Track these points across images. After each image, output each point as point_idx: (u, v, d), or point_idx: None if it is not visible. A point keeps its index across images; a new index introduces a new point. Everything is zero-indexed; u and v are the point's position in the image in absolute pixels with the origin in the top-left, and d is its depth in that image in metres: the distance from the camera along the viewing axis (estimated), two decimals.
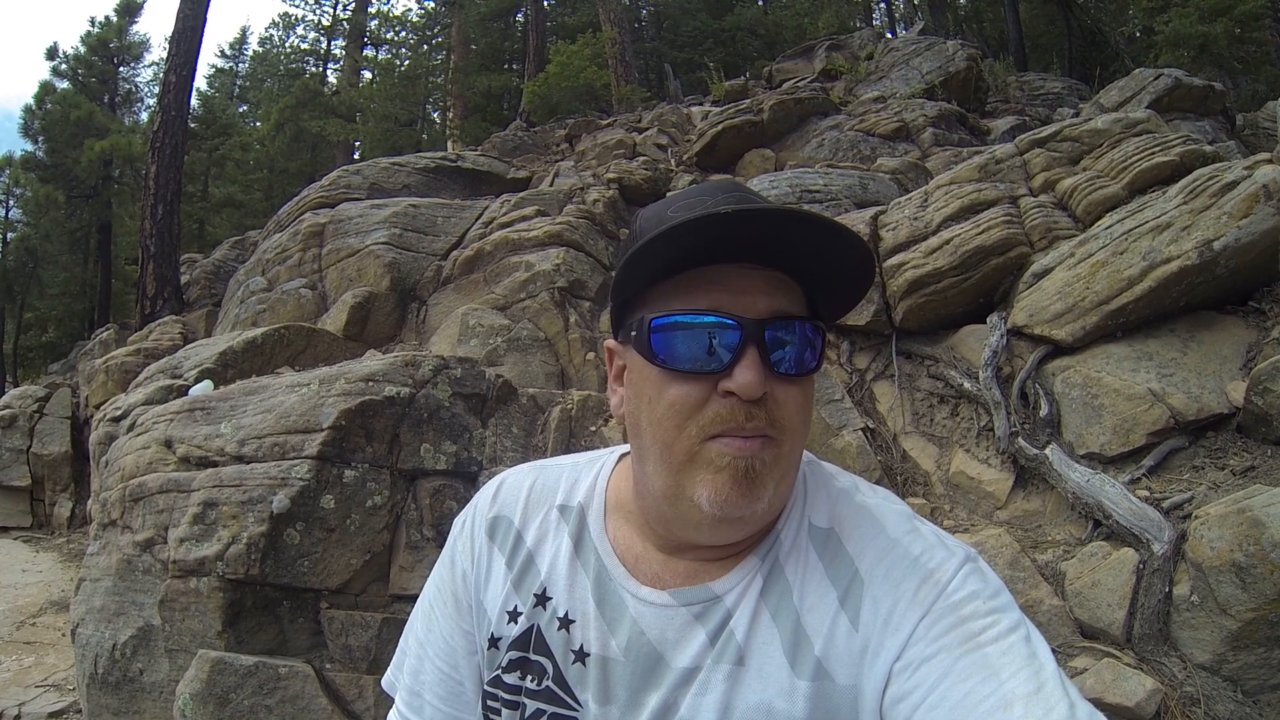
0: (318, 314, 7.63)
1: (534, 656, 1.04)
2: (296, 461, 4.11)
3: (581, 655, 1.02)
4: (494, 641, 1.08)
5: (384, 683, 1.22)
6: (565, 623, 1.03)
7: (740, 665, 0.93)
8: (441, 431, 4.37)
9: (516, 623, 1.07)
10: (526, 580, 1.08)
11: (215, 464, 4.39)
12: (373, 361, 4.67)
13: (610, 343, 1.06)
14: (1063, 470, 3.99)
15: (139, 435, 4.88)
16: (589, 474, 1.14)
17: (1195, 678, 3.22)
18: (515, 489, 1.15)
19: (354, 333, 6.99)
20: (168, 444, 4.66)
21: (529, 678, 1.05)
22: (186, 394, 5.27)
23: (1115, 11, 17.81)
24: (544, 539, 1.09)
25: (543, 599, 1.06)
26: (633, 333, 0.95)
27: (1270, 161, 4.38)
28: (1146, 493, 3.74)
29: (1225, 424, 3.96)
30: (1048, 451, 4.11)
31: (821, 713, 0.89)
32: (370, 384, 4.33)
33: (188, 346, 6.87)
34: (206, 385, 5.38)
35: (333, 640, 4.05)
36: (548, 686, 1.03)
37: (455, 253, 7.53)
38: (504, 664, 1.06)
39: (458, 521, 1.19)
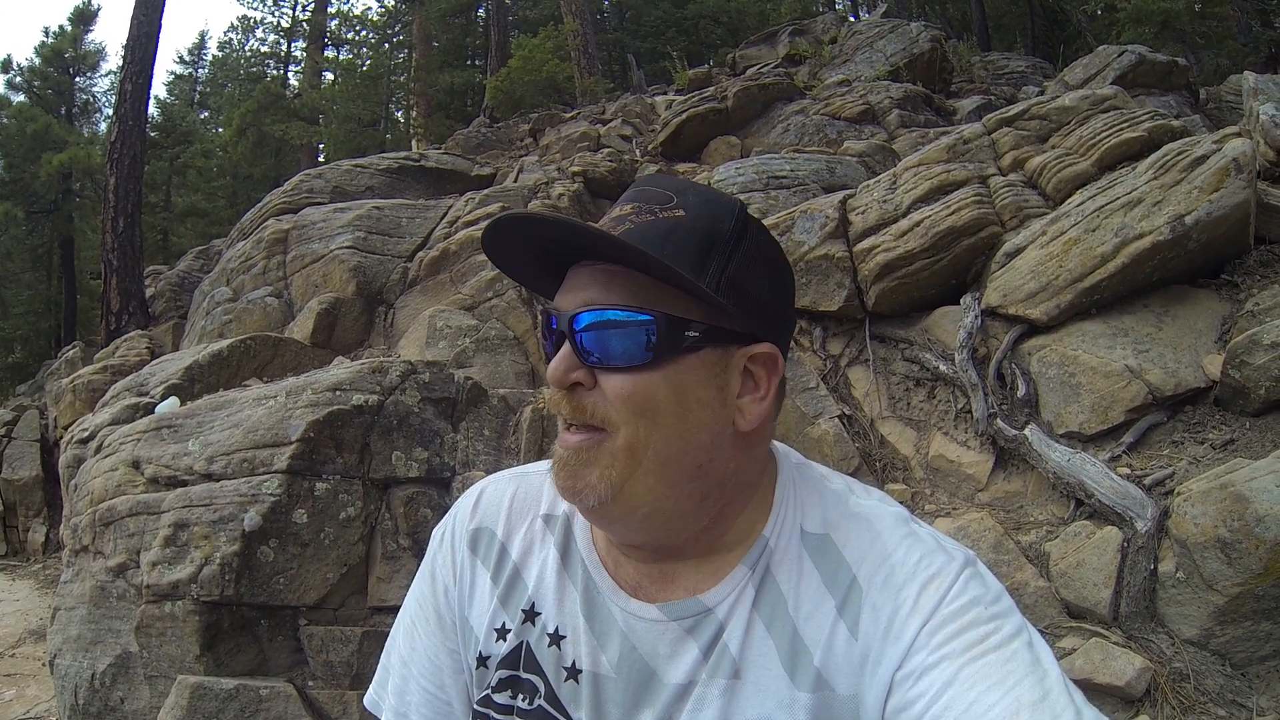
0: (285, 322, 7.50)
1: (525, 675, 1.01)
2: (266, 477, 4.03)
3: (574, 672, 0.98)
4: (482, 660, 1.05)
5: (367, 701, 1.17)
6: (556, 639, 1.00)
7: (736, 679, 0.91)
8: (412, 438, 4.29)
9: (505, 640, 1.03)
10: (514, 595, 1.04)
11: (184, 483, 4.30)
12: (339, 370, 4.59)
13: None
14: (1042, 450, 3.97)
15: (106, 457, 4.79)
16: None
17: (1183, 653, 3.21)
18: (496, 499, 1.11)
19: (321, 340, 6.88)
20: (135, 465, 4.56)
21: (520, 697, 1.01)
22: (153, 412, 5.16)
23: None
24: (530, 551, 1.06)
25: (531, 614, 1.02)
26: None
27: (1239, 135, 4.38)
28: (1127, 470, 3.73)
29: (1203, 398, 3.95)
30: (1027, 432, 4.08)
31: None
32: (338, 393, 4.25)
33: (153, 362, 6.74)
34: (173, 402, 5.27)
35: (313, 657, 3.98)
36: (540, 706, 1.00)
37: (421, 254, 7.42)
38: (494, 683, 1.03)
39: (436, 534, 1.14)
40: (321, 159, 21.49)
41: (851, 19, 18.64)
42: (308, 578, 3.98)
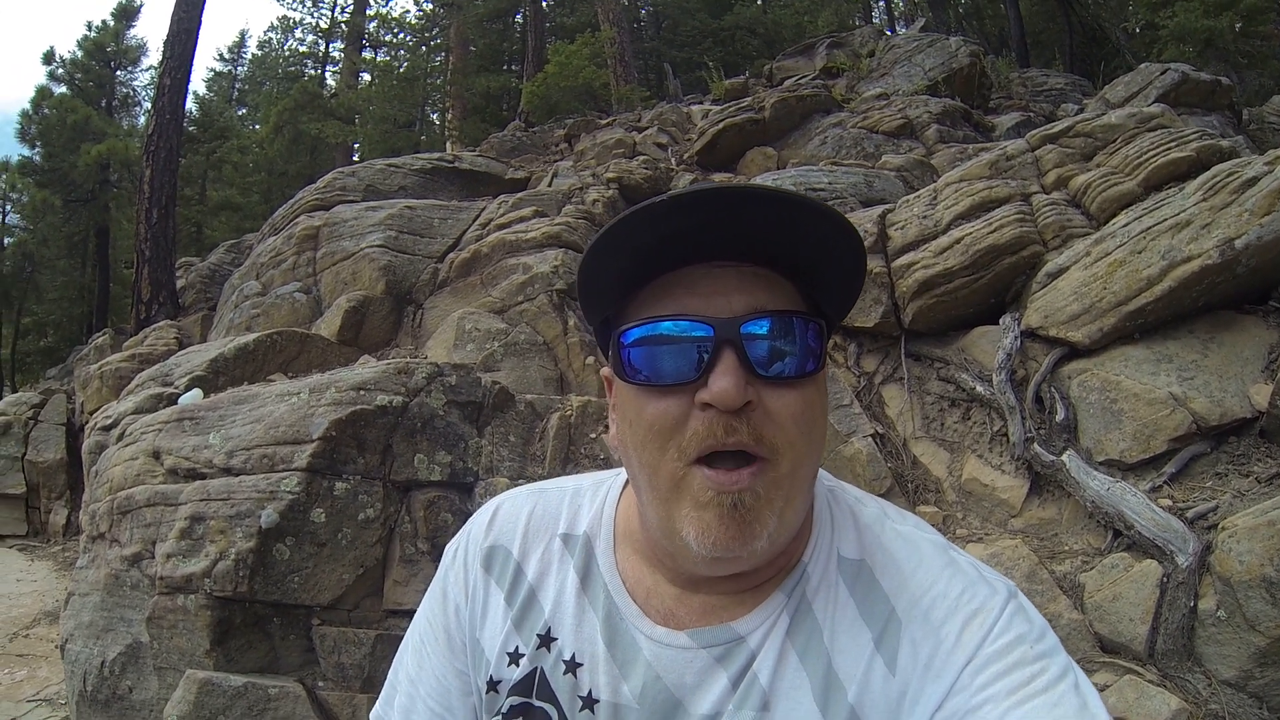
0: (312, 318, 7.50)
1: (537, 703, 0.95)
2: (286, 474, 3.99)
3: (590, 702, 0.93)
4: (493, 685, 0.99)
5: (373, 718, 1.12)
6: (572, 666, 0.95)
7: (765, 711, 0.86)
8: (436, 441, 4.23)
9: (518, 665, 0.98)
10: (529, 619, 0.99)
11: (203, 476, 4.28)
12: (365, 369, 4.54)
13: (605, 370, 0.96)
14: (1081, 478, 3.84)
15: (127, 445, 4.78)
16: (593, 500, 1.05)
17: (1220, 695, 3.09)
18: (512, 516, 1.06)
19: (348, 337, 6.86)
20: (155, 455, 4.54)
21: None
22: (176, 402, 5.15)
23: (1115, 7, 17.84)
24: (547, 572, 1.01)
25: (547, 640, 0.97)
26: (610, 352, 0.89)
27: None
28: (1169, 501, 3.60)
29: (1248, 429, 3.81)
30: (1064, 458, 3.96)
31: None
32: (362, 393, 4.21)
33: (180, 353, 6.76)
34: (196, 394, 5.26)
35: (325, 658, 3.93)
36: None
37: (451, 255, 7.39)
38: (505, 710, 0.97)
39: (449, 550, 1.09)
40: (356, 158, 21.68)
41: (888, 33, 18.55)
42: (323, 578, 3.94)
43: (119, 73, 23.88)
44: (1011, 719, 0.75)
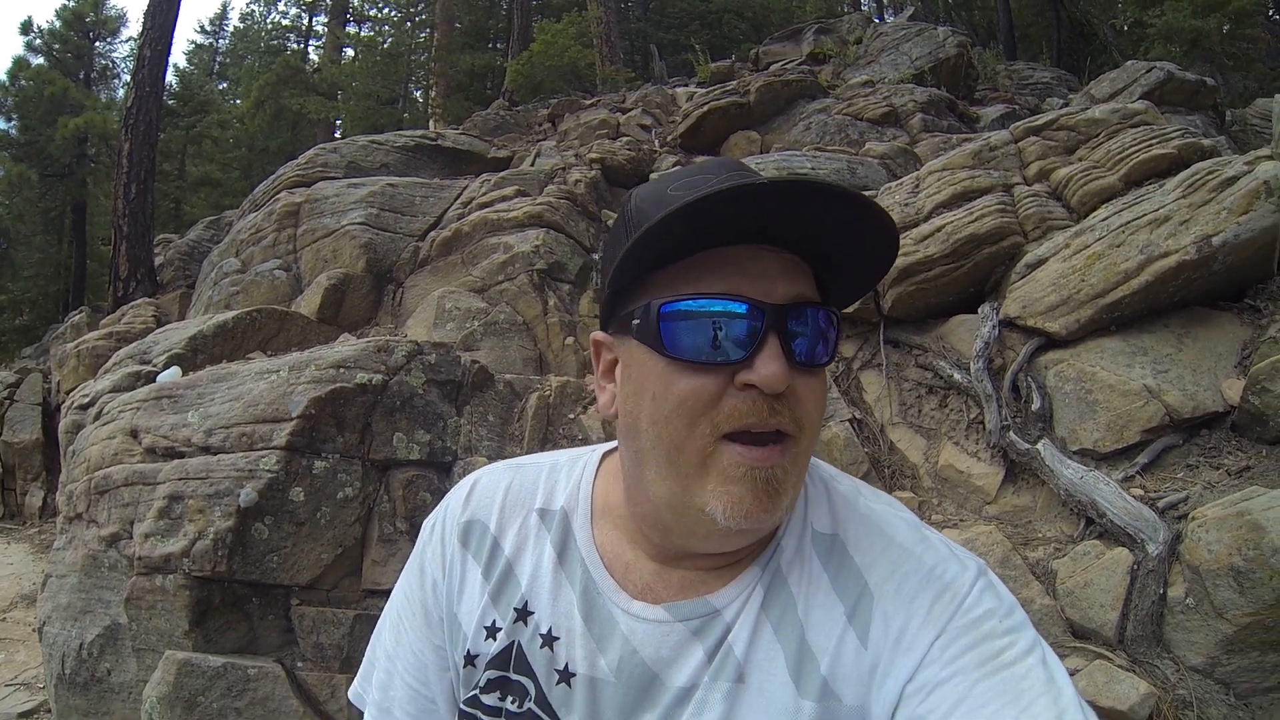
0: (292, 296, 7.46)
1: (514, 676, 0.97)
2: (265, 453, 3.97)
3: (567, 675, 0.95)
4: (470, 659, 1.00)
5: (351, 694, 1.14)
6: (549, 640, 0.96)
7: (740, 683, 0.88)
8: (415, 420, 4.23)
9: (495, 639, 0.99)
10: (505, 593, 1.00)
11: (182, 455, 4.25)
12: (345, 347, 4.52)
13: (599, 335, 0.97)
14: (1055, 466, 3.90)
15: (105, 425, 4.75)
16: (571, 475, 1.06)
17: (1188, 680, 3.16)
18: (490, 491, 1.06)
19: (328, 316, 6.84)
20: (133, 434, 4.51)
21: (510, 699, 0.97)
22: (154, 380, 5.12)
23: (1104, 4, 17.86)
24: (523, 547, 1.01)
25: (524, 613, 0.98)
26: (634, 321, 0.87)
27: (1270, 157, 4.29)
28: (1141, 491, 3.66)
29: (1219, 422, 3.87)
30: (1040, 446, 4.01)
31: None
32: (341, 371, 4.19)
33: (158, 330, 6.71)
34: (175, 372, 5.23)
35: (304, 638, 3.93)
36: (530, 709, 0.96)
37: (433, 234, 7.36)
38: (482, 683, 0.99)
39: (426, 525, 1.10)
40: (338, 134, 21.52)
41: (876, 20, 18.57)
42: (302, 557, 3.93)
43: (98, 44, 23.56)
44: (978, 690, 0.77)
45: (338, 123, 23.58)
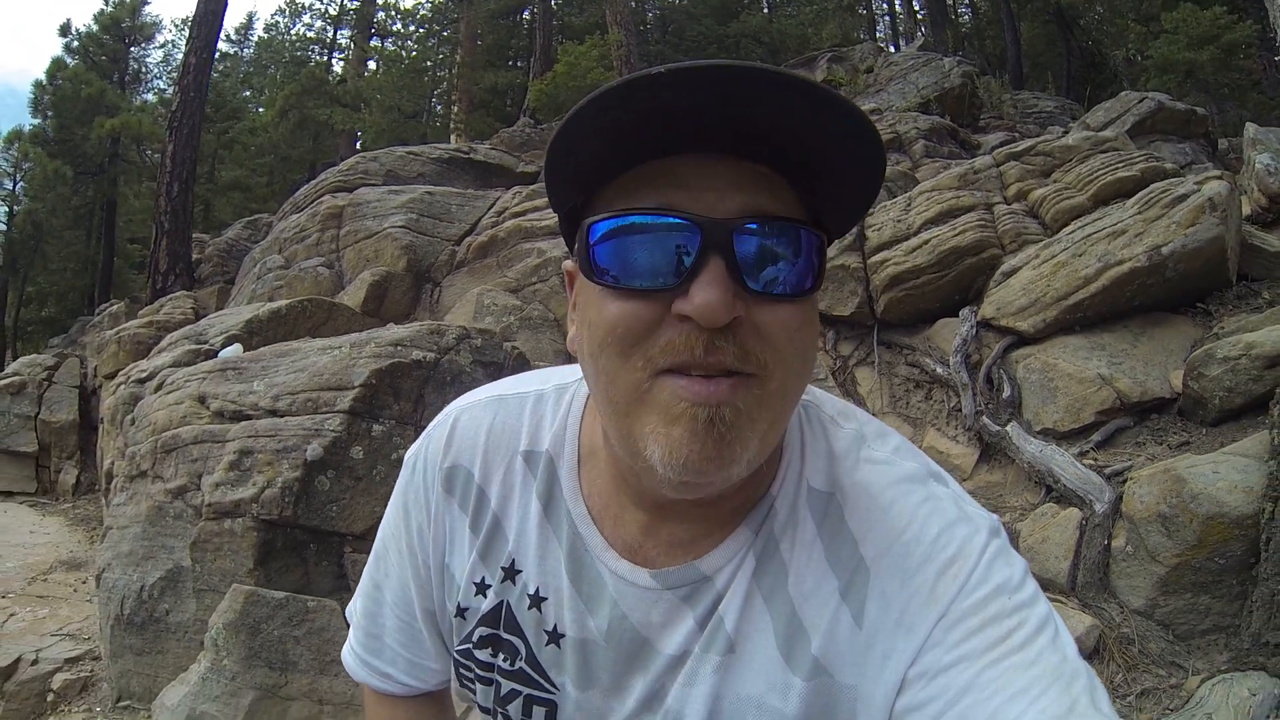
0: (334, 291, 8.03)
1: (505, 635, 0.92)
2: (329, 415, 4.43)
3: (556, 636, 0.90)
4: (461, 611, 0.96)
5: (348, 611, 1.12)
6: (537, 600, 0.90)
7: (730, 654, 0.82)
8: (463, 394, 4.69)
9: (485, 596, 0.93)
10: (494, 550, 0.93)
11: (249, 417, 4.69)
12: (400, 329, 5.05)
13: (568, 263, 0.85)
14: (1020, 444, 4.46)
15: (170, 393, 5.18)
16: (556, 410, 0.95)
17: (1131, 621, 3.64)
18: (471, 430, 0.96)
19: (371, 309, 7.39)
20: (201, 400, 4.94)
21: (502, 657, 0.93)
22: (216, 356, 5.60)
23: (1115, 34, 17.95)
24: (509, 497, 0.93)
25: (512, 572, 0.92)
26: (575, 246, 0.78)
27: (1219, 178, 4.86)
28: (1092, 462, 4.21)
29: (1168, 408, 4.44)
30: (1008, 428, 4.57)
31: (817, 710, 0.79)
32: (399, 348, 4.71)
33: (211, 315, 7.20)
34: (237, 348, 5.70)
35: (354, 583, 4.33)
36: (521, 668, 0.92)
37: (469, 239, 7.97)
38: (475, 639, 0.95)
39: (408, 462, 1.01)
40: (359, 146, 21.85)
41: (890, 49, 18.88)
42: (358, 508, 4.39)
43: (133, 49, 24.06)
44: (986, 678, 0.71)
45: (359, 134, 23.93)
